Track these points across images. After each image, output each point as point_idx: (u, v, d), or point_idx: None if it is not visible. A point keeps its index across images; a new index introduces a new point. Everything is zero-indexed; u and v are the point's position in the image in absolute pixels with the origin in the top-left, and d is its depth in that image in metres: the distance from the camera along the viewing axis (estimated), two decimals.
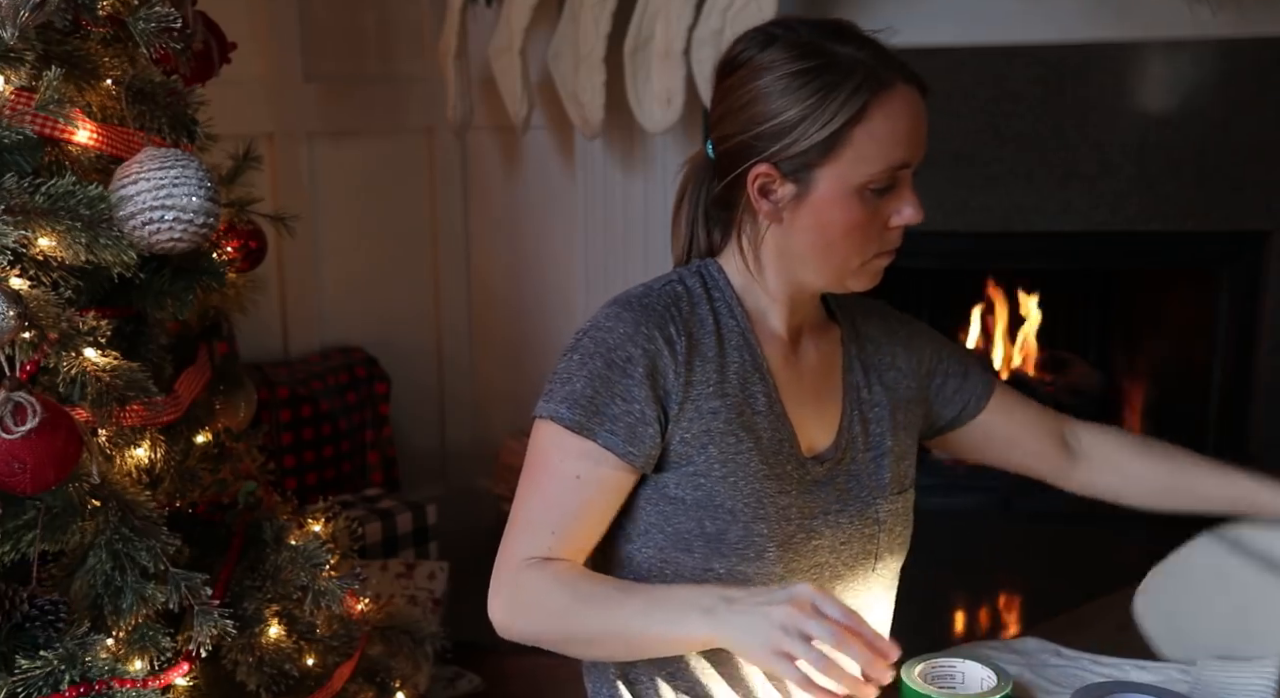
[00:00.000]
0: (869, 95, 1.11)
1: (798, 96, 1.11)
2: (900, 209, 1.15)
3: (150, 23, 1.36)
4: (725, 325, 1.19)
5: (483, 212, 3.28)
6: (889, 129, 1.12)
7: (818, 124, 1.11)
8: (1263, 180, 2.79)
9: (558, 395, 1.13)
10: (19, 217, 1.20)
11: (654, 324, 1.14)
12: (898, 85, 1.12)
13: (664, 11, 2.61)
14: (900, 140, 1.13)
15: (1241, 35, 2.69)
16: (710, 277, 1.22)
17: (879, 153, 1.12)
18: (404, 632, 1.91)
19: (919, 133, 1.15)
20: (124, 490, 1.37)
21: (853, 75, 1.11)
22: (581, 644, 1.12)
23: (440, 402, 3.35)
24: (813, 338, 1.27)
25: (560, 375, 1.14)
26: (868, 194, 1.13)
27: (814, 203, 1.14)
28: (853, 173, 1.12)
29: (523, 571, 1.11)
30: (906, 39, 1.19)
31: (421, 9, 3.13)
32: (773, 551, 1.16)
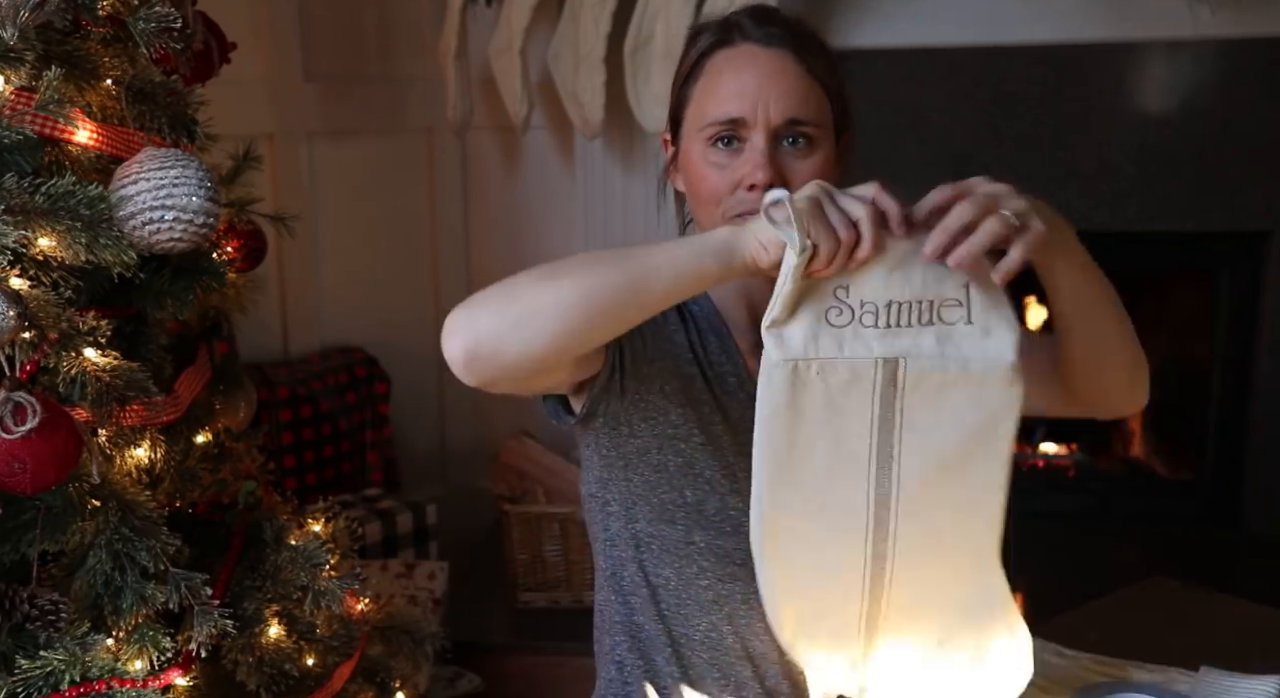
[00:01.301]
0: (704, 50, 1.17)
1: (678, 66, 1.21)
2: (742, 168, 1.13)
3: (150, 23, 1.36)
4: (691, 312, 1.23)
5: (483, 212, 3.28)
6: (716, 83, 1.16)
7: (675, 86, 1.20)
8: (1263, 180, 2.79)
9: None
10: (19, 217, 1.20)
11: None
12: (740, 43, 1.16)
13: (664, 11, 2.61)
14: (727, 96, 1.14)
15: (1241, 35, 2.69)
16: None
17: (708, 108, 1.16)
18: (404, 632, 1.91)
19: (757, 89, 1.13)
20: (124, 490, 1.37)
21: (702, 33, 1.18)
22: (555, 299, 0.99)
23: (440, 402, 3.35)
24: None
25: None
26: (711, 150, 1.15)
27: (681, 159, 1.21)
28: (694, 127, 1.17)
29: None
30: (906, 39, 1.20)
31: (421, 9, 3.13)
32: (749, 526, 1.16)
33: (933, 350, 0.97)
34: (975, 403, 0.97)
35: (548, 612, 2.61)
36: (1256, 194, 2.81)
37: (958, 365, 0.97)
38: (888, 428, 1.00)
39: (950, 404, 0.98)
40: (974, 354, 0.96)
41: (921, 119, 2.82)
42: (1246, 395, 2.96)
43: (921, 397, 0.99)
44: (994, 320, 0.95)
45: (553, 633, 2.53)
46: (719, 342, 1.22)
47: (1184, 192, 2.82)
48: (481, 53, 2.94)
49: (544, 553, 2.61)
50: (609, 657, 1.27)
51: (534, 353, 0.99)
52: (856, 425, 1.00)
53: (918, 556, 1.04)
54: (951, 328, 0.97)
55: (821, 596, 1.08)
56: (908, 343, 0.98)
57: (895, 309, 0.98)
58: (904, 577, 1.04)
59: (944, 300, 0.96)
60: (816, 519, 1.04)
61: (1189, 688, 1.26)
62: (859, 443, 1.01)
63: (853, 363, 0.99)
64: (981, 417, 0.97)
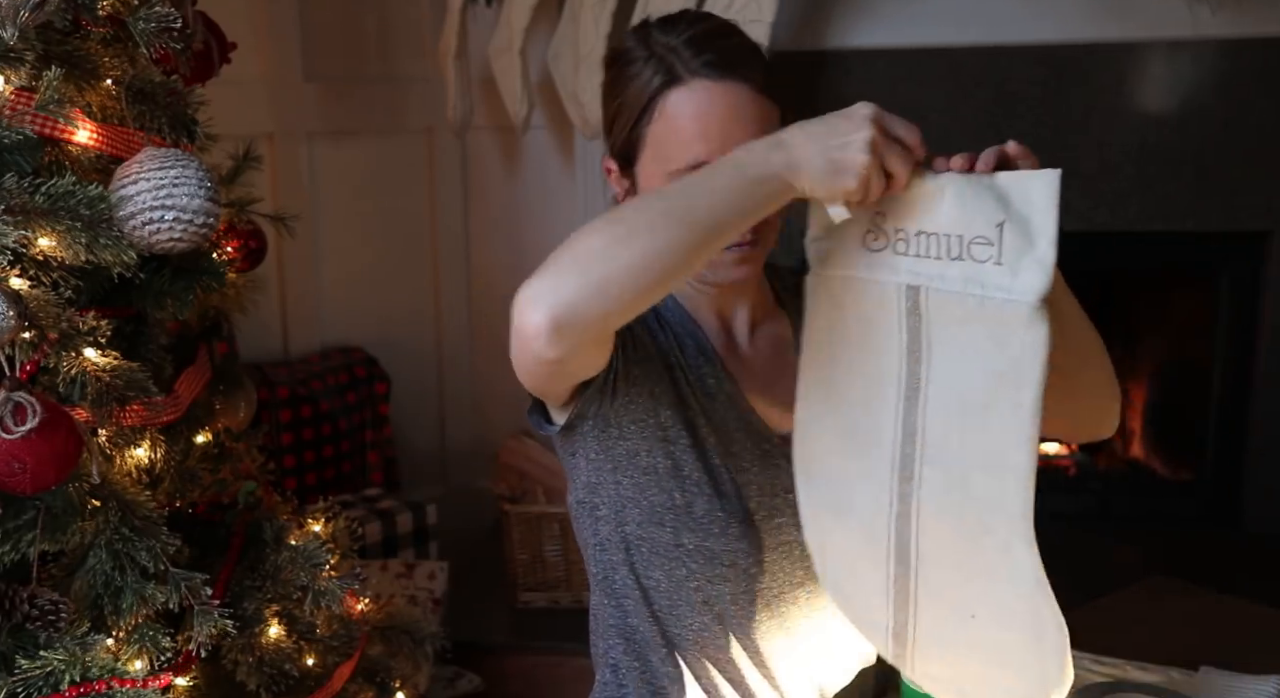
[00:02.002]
0: (654, 91, 1.11)
1: (616, 93, 1.15)
2: None
3: (150, 23, 1.36)
4: (665, 318, 1.22)
5: (483, 212, 3.28)
6: (673, 128, 1.11)
7: (620, 123, 1.15)
8: (1263, 180, 2.79)
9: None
10: (19, 217, 1.20)
11: None
12: (690, 80, 1.10)
13: (664, 11, 2.61)
14: (689, 138, 1.10)
15: (1241, 35, 2.69)
16: None
17: (674, 151, 1.11)
18: (404, 632, 1.91)
19: (720, 129, 1.10)
20: (124, 490, 1.37)
21: (646, 70, 1.12)
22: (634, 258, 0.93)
23: (440, 402, 3.35)
24: (764, 326, 1.28)
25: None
26: None
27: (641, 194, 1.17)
28: (656, 168, 1.13)
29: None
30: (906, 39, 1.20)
31: (421, 9, 3.13)
32: (735, 527, 1.18)
33: (956, 284, 0.97)
34: (998, 344, 0.95)
35: (548, 612, 2.61)
36: (1256, 194, 2.80)
37: (977, 300, 0.96)
38: (915, 356, 1.00)
39: (973, 342, 0.97)
40: (996, 293, 0.95)
41: (921, 119, 2.78)
42: (1246, 396, 2.96)
43: (945, 330, 0.99)
44: (1025, 262, 0.94)
45: (553, 633, 2.53)
46: (695, 344, 1.22)
47: (1184, 192, 2.82)
48: (481, 53, 2.94)
49: (544, 553, 2.61)
50: (604, 659, 1.27)
51: (619, 312, 0.97)
52: (886, 349, 1.01)
53: (943, 509, 1.01)
54: (980, 266, 0.96)
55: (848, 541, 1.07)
56: (933, 272, 0.98)
57: (925, 239, 0.99)
58: (930, 532, 1.02)
59: (975, 237, 0.96)
60: (846, 445, 1.04)
61: (1189, 688, 1.26)
62: (889, 367, 1.02)
63: (881, 286, 1.01)
64: (1004, 360, 0.95)
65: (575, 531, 1.28)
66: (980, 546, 0.99)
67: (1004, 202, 0.96)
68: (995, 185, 0.98)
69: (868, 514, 1.06)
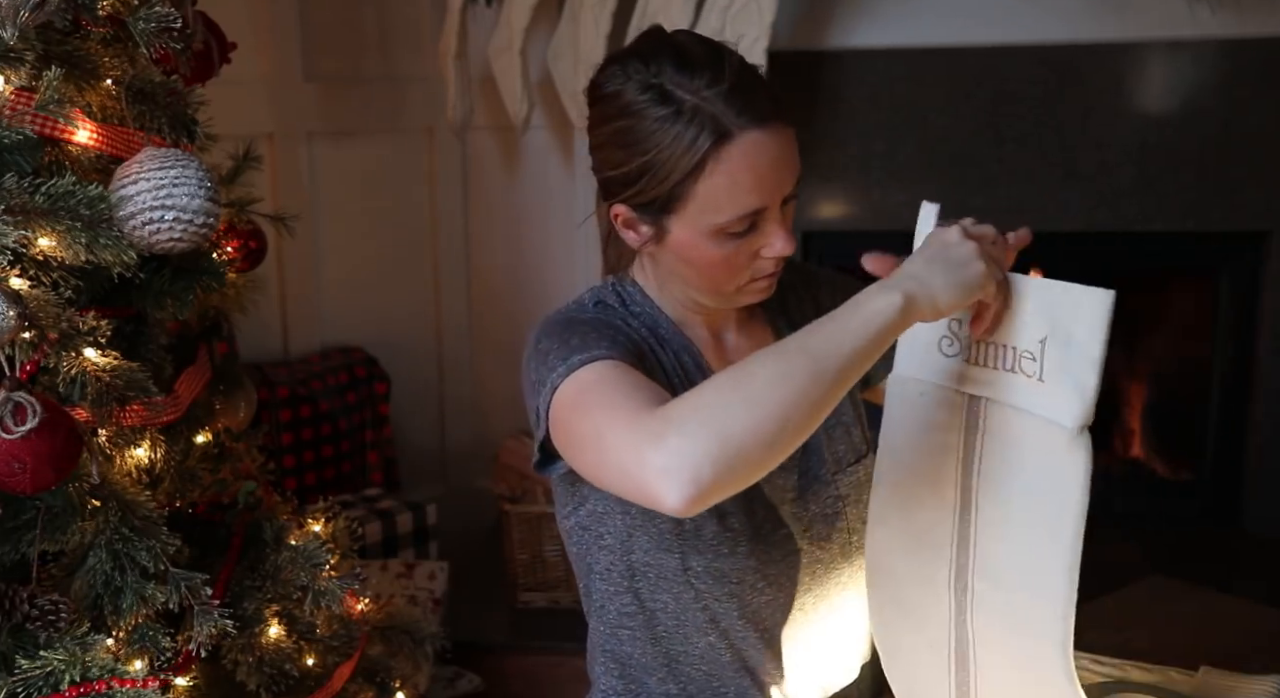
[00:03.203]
0: (706, 150, 1.07)
1: (640, 149, 1.09)
2: (770, 244, 1.13)
3: (150, 23, 1.36)
4: (659, 335, 1.21)
5: (483, 212, 3.28)
6: (728, 183, 1.08)
7: (657, 179, 1.09)
8: (1263, 180, 2.79)
9: (562, 358, 1.07)
10: (19, 217, 1.20)
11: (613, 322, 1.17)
12: (738, 134, 1.07)
13: (664, 11, 2.61)
14: (745, 190, 1.09)
15: (1241, 35, 2.69)
16: (627, 293, 1.23)
17: (725, 204, 1.09)
18: (404, 632, 1.91)
19: (774, 178, 1.10)
20: (124, 490, 1.37)
21: (690, 126, 1.07)
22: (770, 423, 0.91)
23: (440, 402, 3.35)
24: (743, 330, 1.27)
25: (545, 360, 1.10)
26: (724, 237, 1.11)
27: (672, 243, 1.14)
28: (702, 220, 1.10)
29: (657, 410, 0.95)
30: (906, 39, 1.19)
31: (421, 9, 3.13)
32: (744, 545, 1.17)
33: (1011, 397, 0.96)
34: (1043, 465, 0.94)
35: (548, 612, 2.61)
36: (1256, 194, 2.81)
37: (1029, 419, 0.94)
38: (969, 467, 0.99)
39: (1022, 459, 0.96)
40: (1041, 413, 0.93)
41: (921, 119, 2.82)
42: (1246, 396, 2.96)
43: (998, 444, 0.97)
44: (1063, 383, 0.91)
45: (553, 633, 2.53)
46: (692, 360, 1.21)
47: (1184, 192, 2.82)
48: (481, 53, 2.94)
49: (544, 553, 2.61)
50: (597, 684, 1.28)
51: (757, 474, 0.95)
52: (947, 456, 1.01)
53: (992, 624, 0.99)
54: (1028, 381, 0.95)
55: (914, 640, 1.06)
56: (992, 384, 0.98)
57: (986, 349, 0.99)
58: (985, 642, 0.99)
59: (1024, 351, 0.95)
60: (909, 545, 1.04)
61: (1189, 688, 1.26)
62: (947, 474, 1.01)
63: (946, 392, 1.01)
64: (1049, 482, 0.93)
65: (572, 555, 1.25)
66: (1033, 664, 0.97)
67: (1049, 314, 0.93)
68: (1044, 293, 0.94)
69: (929, 616, 1.05)
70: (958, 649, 1.03)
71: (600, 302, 1.22)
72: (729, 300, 1.20)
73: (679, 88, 1.08)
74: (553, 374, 1.07)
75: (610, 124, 1.12)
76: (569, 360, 1.07)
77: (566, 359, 1.07)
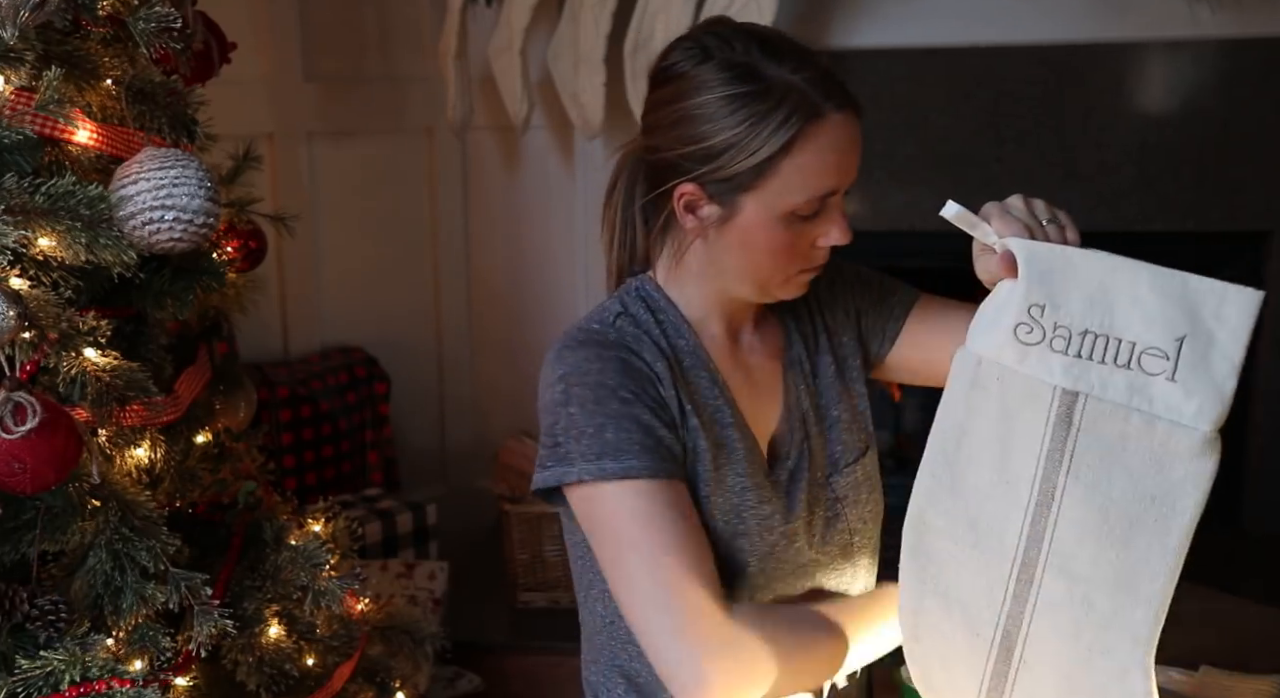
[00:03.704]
0: (798, 128, 1.08)
1: (726, 123, 1.10)
2: (828, 232, 1.14)
3: (150, 23, 1.36)
4: (678, 347, 1.19)
5: (483, 212, 3.28)
6: (816, 161, 1.10)
7: (745, 153, 1.10)
8: (1263, 180, 2.79)
9: (593, 450, 1.09)
10: (19, 217, 1.20)
11: (633, 353, 1.15)
12: (830, 114, 1.10)
13: (664, 11, 2.61)
14: (828, 171, 1.11)
15: (1241, 35, 2.69)
16: (651, 298, 1.21)
17: (805, 183, 1.11)
18: (404, 632, 1.91)
19: (849, 160, 1.13)
20: (124, 490, 1.37)
21: (783, 104, 1.08)
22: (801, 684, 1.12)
23: (440, 402, 3.35)
24: (758, 329, 1.27)
25: (569, 430, 1.10)
26: (793, 219, 1.12)
27: (739, 225, 1.14)
28: (778, 201, 1.11)
29: (728, 620, 1.06)
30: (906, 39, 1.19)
31: (421, 9, 3.13)
32: (754, 563, 1.17)
33: (1120, 395, 0.90)
34: (1155, 467, 0.90)
35: (548, 612, 2.61)
36: (1256, 194, 2.81)
37: (1143, 419, 0.89)
38: (1055, 463, 0.93)
39: (1126, 460, 0.91)
40: (1165, 413, 0.89)
41: (921, 119, 2.82)
42: (1247, 396, 2.96)
43: (1096, 442, 0.92)
44: (1201, 385, 0.87)
45: (553, 633, 2.53)
46: (708, 377, 1.20)
47: (1184, 192, 2.82)
48: (481, 53, 2.94)
49: (544, 553, 2.61)
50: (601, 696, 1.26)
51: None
52: (1025, 448, 0.94)
53: (1058, 620, 0.95)
54: (1150, 379, 0.89)
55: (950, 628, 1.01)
56: (1094, 379, 0.92)
57: (1091, 341, 0.92)
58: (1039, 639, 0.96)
59: (1149, 348, 0.90)
60: (965, 534, 0.99)
61: (1189, 688, 1.26)
62: (1024, 468, 0.95)
63: (1031, 382, 0.93)
64: (1158, 484, 0.90)
65: (576, 571, 1.25)
66: (1093, 665, 0.94)
67: (1191, 311, 0.90)
68: (1186, 289, 0.90)
69: (976, 606, 1.00)
70: (1003, 642, 0.99)
71: (625, 313, 1.20)
72: (769, 293, 1.19)
73: (768, 67, 1.09)
74: (581, 462, 1.09)
75: (686, 100, 1.12)
76: (600, 463, 1.08)
77: (598, 457, 1.09)
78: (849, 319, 1.31)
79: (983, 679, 1.00)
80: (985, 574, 0.98)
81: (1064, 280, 0.93)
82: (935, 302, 1.32)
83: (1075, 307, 0.93)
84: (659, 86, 1.16)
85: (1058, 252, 0.94)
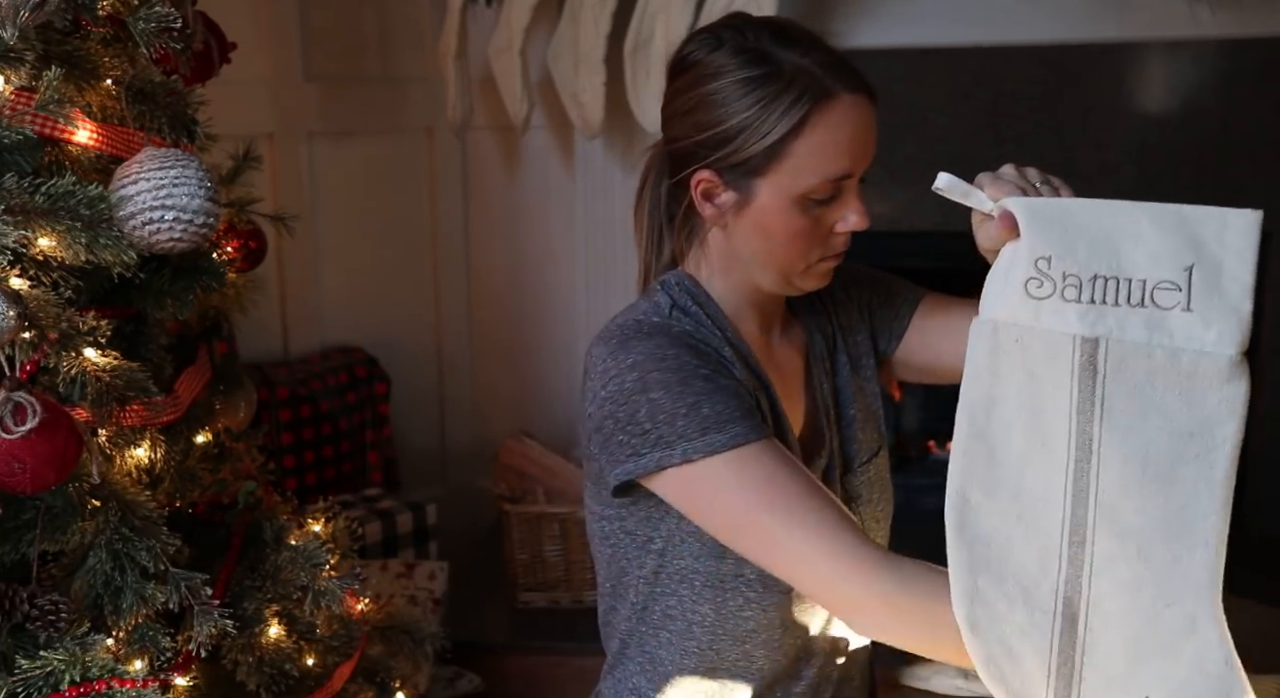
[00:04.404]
0: (809, 107, 1.09)
1: (738, 107, 1.11)
2: (845, 216, 1.15)
3: (150, 23, 1.36)
4: (724, 340, 1.19)
5: (483, 212, 3.28)
6: (829, 142, 1.11)
7: (757, 135, 1.10)
8: (1263, 180, 2.79)
9: (694, 428, 1.07)
10: (19, 217, 1.20)
11: (699, 341, 1.15)
12: (841, 95, 1.11)
13: (664, 11, 2.61)
14: (841, 152, 1.12)
15: (1241, 35, 2.69)
16: (694, 293, 1.21)
17: (819, 165, 1.11)
18: (404, 632, 1.91)
19: (863, 143, 1.14)
20: (124, 490, 1.37)
21: (793, 86, 1.09)
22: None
23: (440, 402, 3.35)
24: (785, 332, 1.27)
25: (661, 413, 1.08)
26: (809, 203, 1.12)
27: (755, 211, 1.14)
28: (793, 184, 1.11)
29: (888, 559, 1.03)
30: (906, 39, 1.18)
31: (421, 9, 3.13)
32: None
33: (1140, 334, 0.89)
34: (1188, 401, 0.88)
35: (548, 612, 2.61)
36: (1256, 194, 2.81)
37: (1166, 354, 0.88)
38: (1087, 415, 0.91)
39: (1157, 399, 0.89)
40: (1187, 344, 0.88)
41: (921, 119, 2.82)
42: None
43: (1124, 386, 0.90)
44: (1217, 310, 0.87)
45: (553, 633, 2.53)
46: (749, 365, 1.19)
47: (1184, 192, 2.82)
48: (481, 53, 2.94)
49: (544, 553, 2.61)
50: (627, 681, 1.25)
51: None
52: (1055, 406, 0.92)
53: (1117, 579, 0.92)
54: (1166, 313, 0.88)
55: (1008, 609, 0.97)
56: (1111, 323, 0.90)
57: (1101, 285, 0.91)
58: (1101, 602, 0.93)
59: (1160, 282, 0.89)
60: (1009, 506, 0.95)
61: None
62: (1057, 425, 0.92)
63: (1050, 336, 0.91)
64: (1193, 418, 0.89)
65: (606, 559, 1.23)
66: (1159, 621, 0.91)
67: (1194, 241, 0.89)
68: (1185, 220, 0.89)
69: (1033, 579, 0.96)
70: (1065, 612, 0.95)
71: (676, 306, 1.19)
72: (792, 283, 1.19)
73: (779, 52, 1.11)
74: (683, 443, 1.07)
75: (700, 87, 1.13)
76: (706, 438, 1.07)
77: (703, 433, 1.07)
78: (862, 319, 1.32)
79: (1050, 658, 0.96)
80: (1036, 543, 0.95)
81: (1065, 230, 0.92)
82: (940, 298, 1.33)
83: (1081, 253, 0.91)
84: (675, 77, 1.17)
85: (1055, 203, 0.94)
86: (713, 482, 1.08)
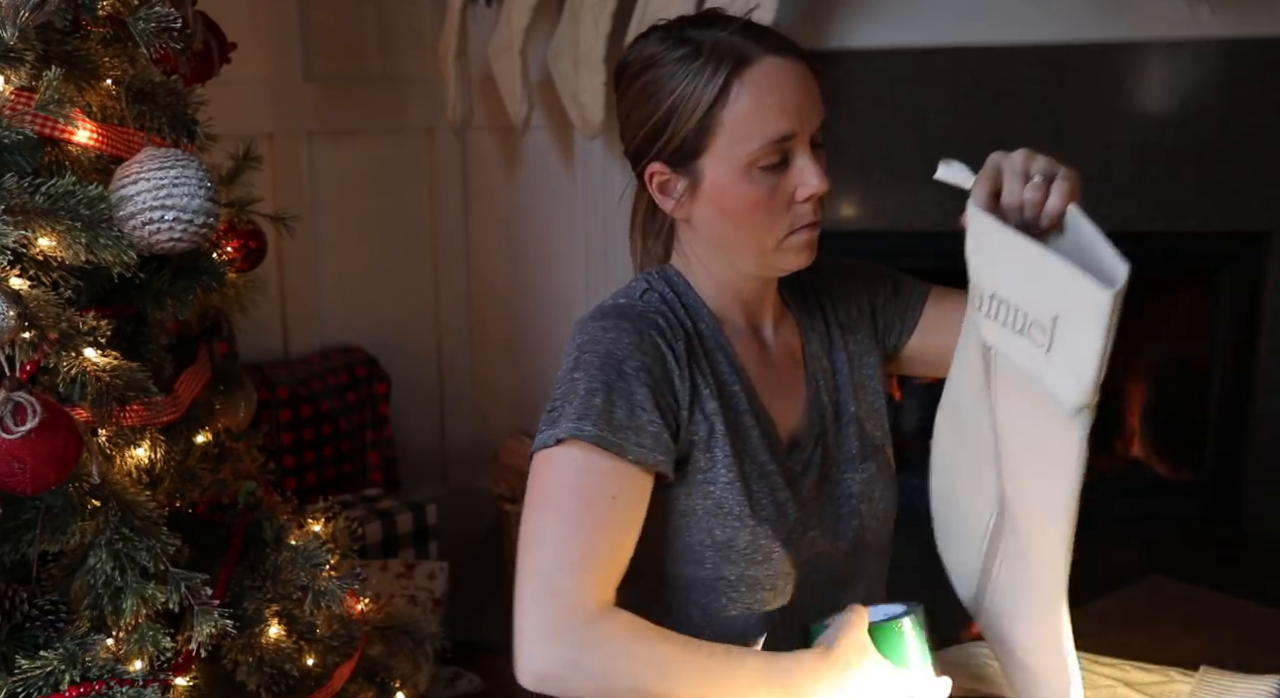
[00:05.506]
0: (728, 73, 1.10)
1: (666, 90, 1.12)
2: (805, 181, 1.14)
3: (150, 23, 1.36)
4: (700, 329, 1.19)
5: (483, 212, 3.28)
6: (754, 105, 1.11)
7: (685, 114, 1.12)
8: (1263, 180, 2.79)
9: (572, 414, 1.07)
10: (19, 217, 1.20)
11: (652, 330, 1.14)
12: (761, 58, 1.11)
13: (664, 12, 2.61)
14: (773, 115, 1.11)
15: (1241, 35, 2.69)
16: (673, 281, 1.22)
17: (752, 130, 1.11)
18: (404, 632, 1.91)
19: (797, 103, 1.13)
20: (124, 490, 1.37)
21: (712, 57, 1.10)
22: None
23: (440, 402, 3.35)
24: (776, 325, 1.27)
25: (567, 394, 1.09)
26: (757, 173, 1.12)
27: (707, 191, 1.15)
28: (732, 153, 1.12)
29: (591, 625, 1.01)
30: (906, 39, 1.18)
31: (421, 9, 3.13)
32: (778, 550, 1.16)
33: (1018, 358, 0.99)
34: (1045, 428, 0.97)
35: None
36: (1256, 194, 2.80)
37: (1029, 379, 0.98)
38: (991, 409, 1.07)
39: (1025, 414, 1.01)
40: (1043, 383, 0.96)
41: (921, 119, 2.82)
42: (1246, 396, 2.96)
43: (1006, 398, 1.03)
44: (1067, 364, 0.92)
45: None
46: (725, 358, 1.19)
47: (1184, 192, 2.82)
48: (481, 53, 2.94)
49: None
50: None
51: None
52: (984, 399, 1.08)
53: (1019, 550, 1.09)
54: (1036, 349, 0.96)
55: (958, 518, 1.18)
56: (1000, 339, 1.01)
57: (997, 304, 1.00)
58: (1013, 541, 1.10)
59: (1034, 321, 0.96)
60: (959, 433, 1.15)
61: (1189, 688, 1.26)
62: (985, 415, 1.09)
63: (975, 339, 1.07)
64: (1049, 443, 0.97)
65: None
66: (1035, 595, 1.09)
67: (1062, 295, 0.93)
68: (1069, 276, 0.92)
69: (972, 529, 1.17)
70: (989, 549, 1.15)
71: (651, 290, 1.20)
72: (771, 263, 1.18)
73: (698, 32, 1.13)
74: (565, 422, 1.07)
75: (634, 84, 1.16)
76: (580, 424, 1.06)
77: (579, 418, 1.06)
78: (863, 316, 1.31)
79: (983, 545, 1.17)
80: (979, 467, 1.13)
81: (988, 249, 1.01)
82: (947, 290, 1.33)
83: (987, 272, 1.02)
84: (618, 86, 1.20)
85: (990, 223, 1.01)
86: (553, 465, 1.08)
